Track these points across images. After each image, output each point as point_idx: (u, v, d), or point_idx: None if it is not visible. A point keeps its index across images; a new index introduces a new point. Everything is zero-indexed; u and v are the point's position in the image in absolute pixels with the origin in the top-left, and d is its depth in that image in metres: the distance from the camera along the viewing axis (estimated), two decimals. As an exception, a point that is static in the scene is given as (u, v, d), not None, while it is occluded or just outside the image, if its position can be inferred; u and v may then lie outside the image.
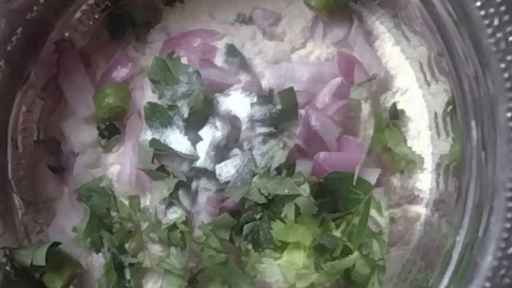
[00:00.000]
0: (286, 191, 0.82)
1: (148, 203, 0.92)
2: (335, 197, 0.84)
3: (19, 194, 0.98)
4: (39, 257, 0.92)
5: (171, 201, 0.90)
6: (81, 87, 0.97)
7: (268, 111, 0.86)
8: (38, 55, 0.96)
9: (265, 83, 0.90)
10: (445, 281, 0.78)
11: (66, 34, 0.98)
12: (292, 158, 0.86)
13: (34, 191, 0.99)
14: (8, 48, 0.89)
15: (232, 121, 0.89)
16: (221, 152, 0.87)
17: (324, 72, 0.88)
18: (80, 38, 1.00)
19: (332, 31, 0.93)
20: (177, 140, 0.87)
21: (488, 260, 0.72)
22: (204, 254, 0.87)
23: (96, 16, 1.00)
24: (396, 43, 0.91)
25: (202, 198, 0.88)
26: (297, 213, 0.82)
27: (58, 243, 0.96)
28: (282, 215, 0.83)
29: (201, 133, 0.87)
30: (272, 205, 0.85)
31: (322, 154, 0.85)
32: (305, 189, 0.81)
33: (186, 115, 0.86)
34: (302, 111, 0.88)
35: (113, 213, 0.95)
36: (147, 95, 0.93)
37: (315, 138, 0.87)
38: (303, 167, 0.85)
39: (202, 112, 0.88)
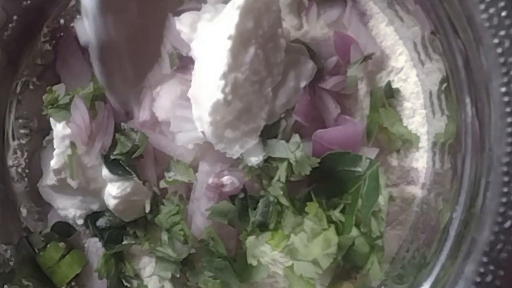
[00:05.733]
0: (278, 154, 0.83)
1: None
2: (331, 180, 0.84)
3: (18, 182, 0.98)
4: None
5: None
6: (78, 73, 0.96)
7: None
8: (34, 43, 0.95)
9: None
10: (443, 257, 0.79)
11: (62, 21, 0.98)
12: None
13: (32, 179, 0.99)
14: (4, 36, 0.89)
15: None
16: None
17: (320, 52, 0.89)
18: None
19: (326, 12, 0.93)
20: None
21: (485, 235, 0.73)
22: (204, 254, 0.89)
23: (92, 3, 1.00)
24: (389, 23, 0.91)
25: (202, 183, 0.89)
26: (290, 171, 0.82)
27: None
28: (276, 178, 0.83)
29: None
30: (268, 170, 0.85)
31: (319, 132, 0.85)
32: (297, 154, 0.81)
33: None
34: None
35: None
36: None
37: (313, 117, 0.87)
38: (304, 148, 0.84)
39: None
